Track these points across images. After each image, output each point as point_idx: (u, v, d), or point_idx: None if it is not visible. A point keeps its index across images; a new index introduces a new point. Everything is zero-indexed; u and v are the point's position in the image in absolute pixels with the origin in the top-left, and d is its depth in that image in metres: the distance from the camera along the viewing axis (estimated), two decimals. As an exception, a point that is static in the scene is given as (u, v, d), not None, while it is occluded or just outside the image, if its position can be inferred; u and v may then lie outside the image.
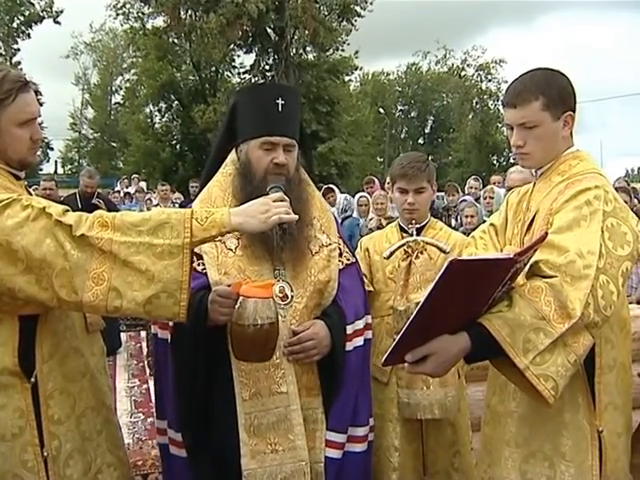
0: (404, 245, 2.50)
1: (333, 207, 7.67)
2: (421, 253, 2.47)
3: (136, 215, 1.78)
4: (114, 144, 40.24)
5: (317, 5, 25.98)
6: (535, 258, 1.67)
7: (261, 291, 1.82)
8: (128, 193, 12.83)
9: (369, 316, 2.24)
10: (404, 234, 2.67)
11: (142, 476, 3.27)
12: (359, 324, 2.14)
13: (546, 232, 1.69)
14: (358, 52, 29.77)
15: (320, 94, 27.98)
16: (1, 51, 29.62)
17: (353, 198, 8.41)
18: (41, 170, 28.18)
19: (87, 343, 2.03)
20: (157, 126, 32.05)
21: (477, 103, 33.20)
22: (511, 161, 27.06)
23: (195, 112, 26.41)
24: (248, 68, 28.94)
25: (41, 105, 2.03)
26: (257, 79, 27.75)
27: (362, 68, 34.47)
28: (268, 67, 28.15)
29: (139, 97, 32.95)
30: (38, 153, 2.02)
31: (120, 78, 40.88)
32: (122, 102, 37.87)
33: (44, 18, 29.73)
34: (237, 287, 1.85)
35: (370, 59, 46.36)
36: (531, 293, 1.64)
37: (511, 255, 1.56)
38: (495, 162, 35.13)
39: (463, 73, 33.41)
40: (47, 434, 1.84)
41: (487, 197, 7.11)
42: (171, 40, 28.29)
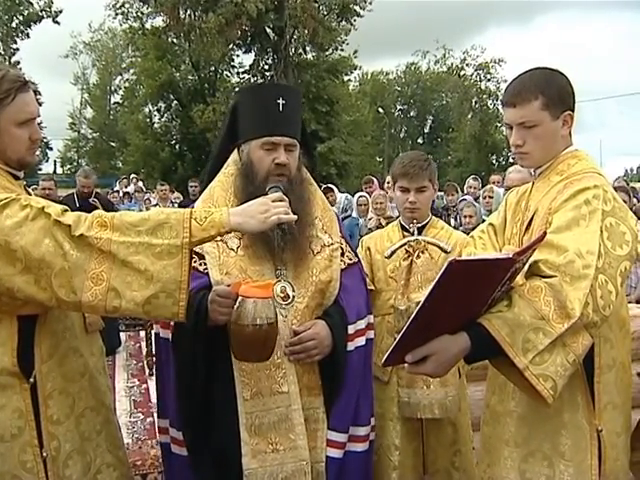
0: (405, 244, 2.51)
1: (333, 207, 7.67)
2: (422, 252, 2.48)
3: (135, 215, 1.77)
4: (113, 144, 40.21)
5: (316, 5, 25.96)
6: (534, 258, 1.67)
7: (260, 291, 1.82)
8: (127, 193, 12.83)
9: (371, 316, 2.24)
10: (405, 233, 2.67)
11: (141, 476, 3.27)
12: (361, 324, 2.14)
13: (545, 232, 1.69)
14: (357, 52, 29.80)
15: (319, 94, 27.95)
16: (0, 51, 29.59)
17: (353, 198, 8.41)
18: (40, 170, 28.12)
19: (86, 343, 2.03)
20: (156, 126, 31.99)
21: (476, 103, 33.18)
22: (510, 160, 27.04)
23: (194, 112, 26.37)
24: (247, 68, 28.95)
25: (40, 105, 2.02)
26: (256, 79, 27.75)
27: (361, 68, 34.46)
28: (267, 67, 28.14)
29: (138, 97, 32.91)
30: (37, 153, 2.02)
31: (119, 78, 40.95)
32: (121, 102, 37.85)
33: (43, 18, 29.70)
34: (236, 287, 1.85)
35: (369, 59, 46.44)
36: (530, 293, 1.64)
37: (510, 255, 1.56)
38: (494, 162, 35.12)
39: (462, 73, 33.40)
40: (46, 434, 1.84)
41: (486, 196, 7.11)
42: (170, 40, 28.25)
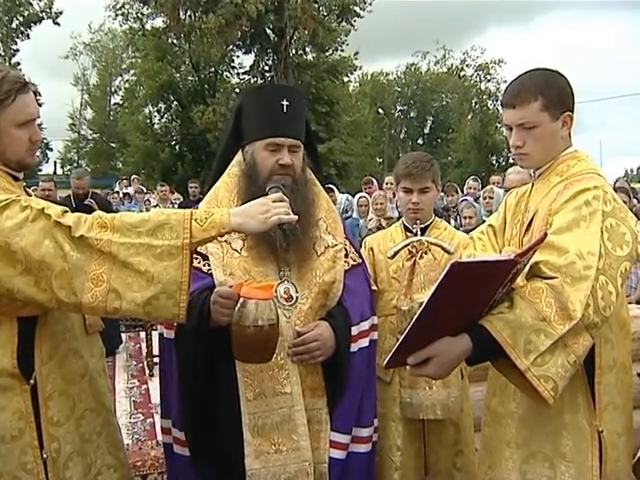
0: (408, 245, 2.51)
1: (333, 207, 7.64)
2: (425, 253, 2.48)
3: (135, 216, 1.77)
4: (113, 145, 40.20)
5: (316, 5, 25.96)
6: (535, 259, 1.67)
7: (261, 292, 1.82)
8: (127, 194, 12.82)
9: (375, 317, 2.24)
10: (408, 234, 2.67)
11: (141, 477, 3.26)
12: (364, 325, 2.14)
13: (545, 233, 1.69)
14: (358, 53, 29.79)
15: (319, 94, 27.94)
16: (0, 52, 29.59)
17: (353, 198, 8.40)
18: (40, 171, 28.13)
19: (86, 344, 2.02)
20: (156, 127, 31.95)
21: (476, 103, 33.15)
22: (510, 161, 27.02)
23: (194, 113, 26.34)
24: (247, 69, 28.89)
25: (40, 106, 2.03)
26: (256, 80, 27.74)
27: (361, 68, 34.42)
28: (267, 68, 28.10)
29: (138, 98, 32.89)
30: (37, 154, 2.02)
31: (119, 79, 40.91)
32: (121, 103, 37.83)
33: (43, 19, 29.67)
34: (238, 288, 1.85)
35: (369, 59, 46.40)
36: (532, 294, 1.64)
37: (512, 256, 1.56)
38: (494, 162, 35.09)
39: (462, 73, 33.34)
40: (46, 436, 1.84)
41: (487, 197, 7.11)
42: (170, 41, 28.22)
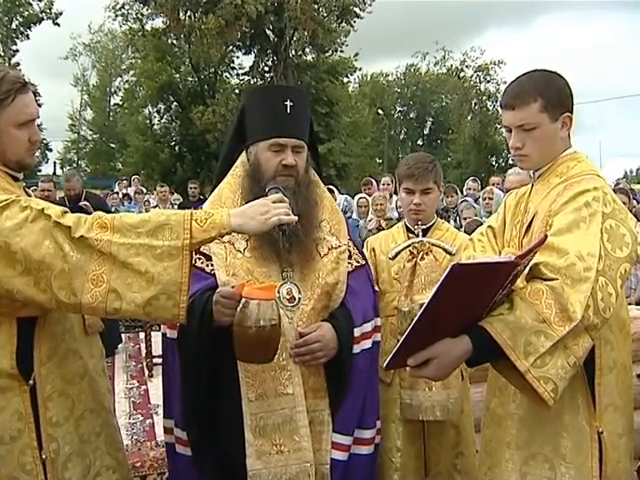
0: (409, 246, 2.51)
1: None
2: (426, 254, 2.47)
3: (135, 216, 1.77)
4: (113, 145, 40.17)
5: (316, 6, 25.95)
6: (535, 260, 1.67)
7: (263, 293, 1.82)
8: (127, 194, 12.82)
9: (378, 318, 2.23)
10: (410, 235, 2.66)
11: (140, 477, 3.25)
12: (367, 327, 2.13)
13: (546, 235, 1.69)
14: (358, 54, 29.78)
15: (319, 95, 27.92)
16: (0, 52, 29.57)
17: (353, 199, 8.41)
18: (40, 171, 28.03)
19: (86, 345, 2.02)
20: (156, 127, 31.92)
21: (476, 104, 33.11)
22: (510, 162, 27.02)
23: (194, 113, 26.31)
24: (247, 69, 28.86)
25: (40, 106, 2.03)
26: (256, 80, 27.73)
27: (361, 69, 34.42)
28: (267, 68, 28.08)
29: (138, 98, 32.87)
30: (36, 154, 2.01)
31: (119, 79, 40.87)
32: (121, 103, 37.78)
33: (43, 19, 29.65)
34: (240, 288, 1.85)
35: (369, 60, 46.25)
36: (532, 296, 1.64)
37: (512, 258, 1.56)
38: (494, 163, 35.07)
39: (462, 74, 33.32)
40: (45, 437, 1.84)
41: (486, 198, 7.12)
42: (170, 41, 28.20)
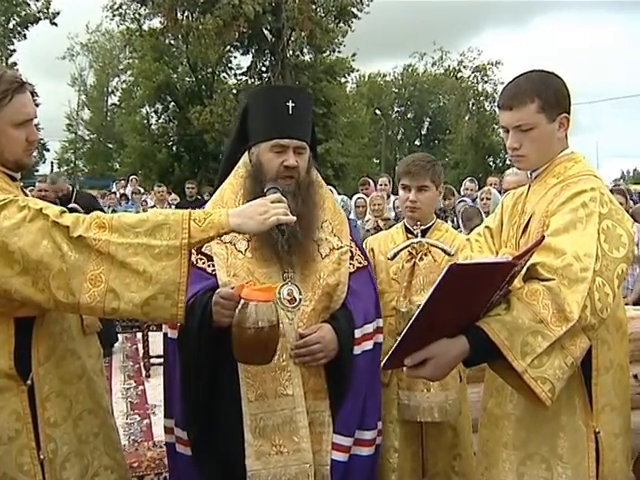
0: (408, 246, 2.50)
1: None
2: (425, 255, 2.47)
3: (133, 216, 1.77)
4: (110, 145, 40.11)
5: (314, 7, 25.94)
6: (532, 261, 1.67)
7: (262, 294, 1.81)
8: (124, 194, 12.81)
9: (380, 319, 2.23)
10: (409, 235, 2.65)
11: (138, 478, 3.25)
12: (368, 328, 2.13)
13: (543, 235, 1.70)
14: (355, 54, 29.79)
15: (316, 95, 27.88)
16: (-3, 52, 29.51)
17: (350, 199, 8.42)
18: (37, 171, 28.02)
19: (84, 345, 2.02)
20: (153, 127, 31.91)
21: (473, 105, 33.13)
22: (507, 163, 27.05)
23: (191, 113, 26.30)
24: (245, 69, 28.86)
25: (37, 106, 2.02)
26: (253, 80, 27.73)
27: (359, 70, 34.45)
28: (265, 68, 28.07)
29: (135, 98, 32.83)
30: (34, 154, 2.01)
31: (116, 79, 40.82)
32: (118, 103, 37.76)
33: (40, 19, 29.57)
34: (240, 289, 1.85)
35: (366, 60, 46.27)
36: (529, 296, 1.64)
37: (510, 259, 1.57)
38: (491, 164, 35.12)
39: (459, 75, 33.35)
40: (43, 437, 1.84)
41: (484, 198, 7.12)
42: (167, 41, 28.17)
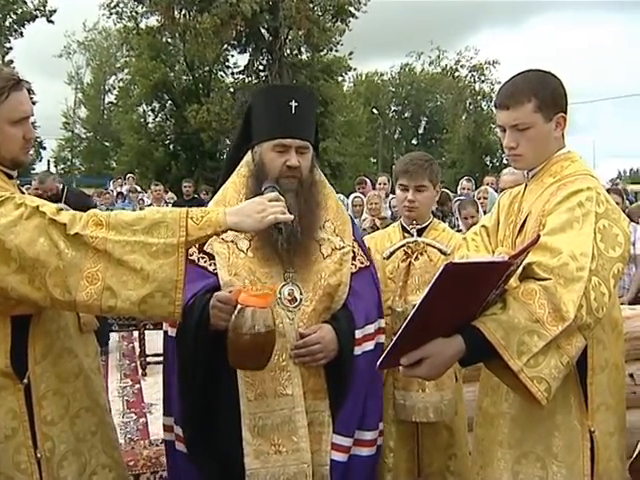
0: (404, 246, 2.50)
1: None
2: (421, 254, 2.47)
3: (131, 214, 1.77)
4: (107, 144, 40.02)
5: (311, 5, 25.94)
6: (528, 260, 1.68)
7: (259, 300, 1.80)
8: (121, 193, 12.81)
9: (382, 320, 2.22)
10: (406, 234, 2.65)
11: (134, 476, 3.25)
12: (370, 328, 2.12)
13: (538, 234, 1.70)
14: (352, 53, 29.80)
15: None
16: (-7, 49, 29.41)
17: (347, 198, 8.42)
18: (34, 169, 27.87)
19: (81, 343, 2.02)
20: (150, 126, 31.90)
21: (470, 104, 33.13)
22: (504, 162, 27.07)
23: (188, 112, 26.30)
24: (242, 68, 28.84)
25: (34, 104, 2.02)
26: (251, 79, 27.71)
27: (356, 69, 34.45)
28: (262, 67, 28.05)
29: (132, 97, 32.81)
30: (30, 152, 2.01)
31: (113, 77, 40.73)
32: (115, 101, 37.72)
33: (37, 17, 29.48)
34: (237, 294, 1.84)
35: (364, 59, 46.18)
36: (525, 295, 1.64)
37: (506, 258, 1.57)
38: (488, 163, 35.12)
39: (456, 74, 33.35)
40: (40, 435, 1.84)
41: (481, 197, 7.12)
42: (165, 40, 28.13)
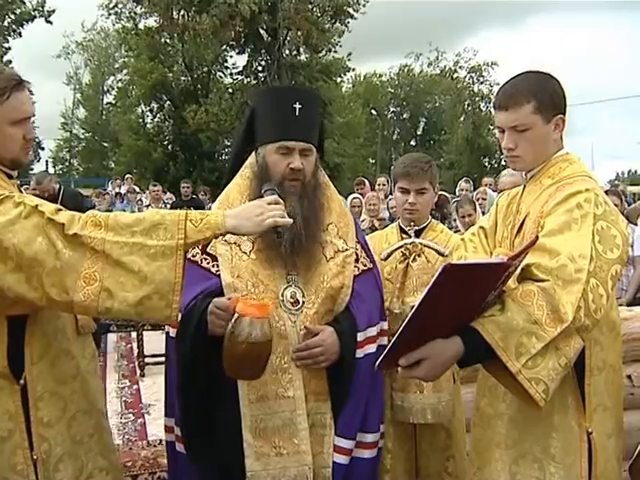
0: (401, 247, 2.49)
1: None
2: (419, 256, 2.46)
3: (130, 216, 1.77)
4: (105, 144, 40.02)
5: (310, 6, 25.94)
6: (527, 261, 1.68)
7: (257, 311, 1.79)
8: (119, 193, 12.80)
9: (384, 322, 2.22)
10: (404, 235, 2.64)
11: (132, 477, 3.24)
12: (372, 331, 2.12)
13: (537, 236, 1.70)
14: (351, 54, 29.80)
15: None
16: (-9, 49, 29.37)
17: (346, 199, 8.42)
18: (32, 170, 27.87)
19: (78, 346, 2.00)
20: (149, 126, 31.86)
21: (469, 105, 33.16)
22: (503, 163, 27.09)
23: (187, 112, 26.29)
24: (241, 69, 28.84)
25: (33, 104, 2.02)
26: (249, 80, 27.71)
27: (354, 69, 34.46)
28: (261, 68, 28.05)
29: (131, 97, 32.77)
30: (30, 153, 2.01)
31: (112, 78, 40.73)
32: (114, 102, 37.66)
33: (35, 17, 29.47)
34: (235, 302, 1.83)
35: (362, 60, 46.20)
36: (523, 297, 1.64)
37: (504, 259, 1.57)
38: (487, 164, 35.13)
39: (455, 75, 33.38)
40: (36, 437, 1.83)
41: (480, 198, 7.13)
42: (163, 40, 28.13)
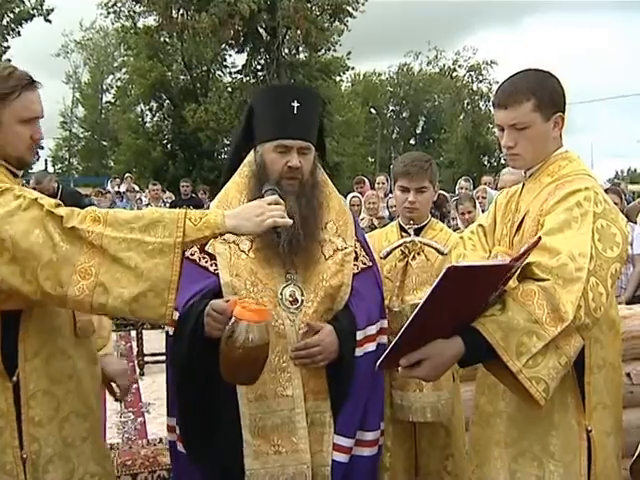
0: (401, 245, 2.49)
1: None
2: (418, 254, 2.45)
3: (129, 212, 1.77)
4: (105, 143, 40.02)
5: (309, 5, 25.93)
6: (527, 260, 1.67)
7: (255, 316, 1.77)
8: (119, 192, 12.80)
9: (384, 320, 2.21)
10: (404, 234, 2.64)
11: (131, 476, 3.25)
12: (371, 329, 2.12)
13: (539, 237, 1.70)
14: (350, 53, 29.82)
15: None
16: (-10, 48, 29.34)
17: (345, 198, 8.44)
18: (31, 169, 27.87)
19: (76, 347, 1.96)
20: (148, 125, 31.88)
21: (468, 104, 33.17)
22: (502, 162, 27.11)
23: (186, 111, 26.30)
24: (240, 68, 28.84)
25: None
26: (249, 79, 27.70)
27: (354, 68, 34.47)
28: (260, 67, 28.05)
29: (130, 96, 32.78)
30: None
31: (111, 77, 40.74)
32: (113, 101, 37.67)
33: (34, 16, 29.42)
34: (233, 305, 1.81)
35: (362, 59, 46.33)
36: (524, 296, 1.64)
37: (508, 261, 1.57)
38: (486, 163, 35.15)
39: (454, 74, 33.39)
40: (27, 436, 1.80)
41: (479, 197, 7.14)
42: (162, 39, 28.11)
